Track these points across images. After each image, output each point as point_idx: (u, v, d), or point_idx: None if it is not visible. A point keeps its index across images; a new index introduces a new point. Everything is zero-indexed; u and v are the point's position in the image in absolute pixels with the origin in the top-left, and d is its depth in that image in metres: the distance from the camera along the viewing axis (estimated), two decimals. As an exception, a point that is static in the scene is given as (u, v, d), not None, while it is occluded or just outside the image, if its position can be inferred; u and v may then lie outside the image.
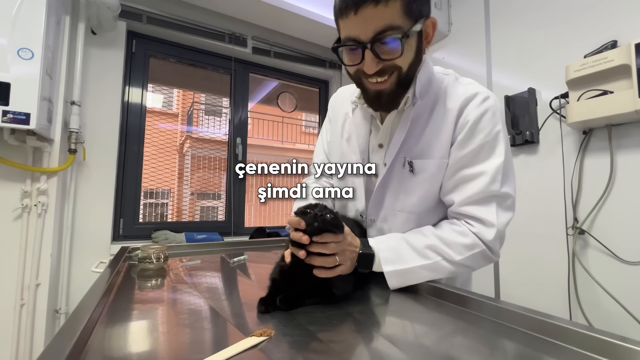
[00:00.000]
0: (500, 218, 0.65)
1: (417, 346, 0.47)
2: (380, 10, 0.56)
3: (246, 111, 2.39)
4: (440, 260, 0.66)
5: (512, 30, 1.47)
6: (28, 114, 1.25)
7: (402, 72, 0.63)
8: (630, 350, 0.39)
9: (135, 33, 2.02)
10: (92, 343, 0.46)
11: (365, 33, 0.58)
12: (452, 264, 0.66)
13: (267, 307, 0.58)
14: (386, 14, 0.56)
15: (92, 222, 1.74)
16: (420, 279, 0.67)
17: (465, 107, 0.68)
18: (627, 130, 1.09)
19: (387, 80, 0.63)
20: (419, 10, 0.60)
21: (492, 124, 0.66)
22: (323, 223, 0.58)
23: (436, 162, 0.69)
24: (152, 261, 0.91)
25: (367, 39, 0.58)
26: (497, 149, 0.66)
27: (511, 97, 1.43)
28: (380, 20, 0.57)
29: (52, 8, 1.37)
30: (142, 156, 2.03)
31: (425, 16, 0.62)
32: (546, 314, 0.49)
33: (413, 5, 0.58)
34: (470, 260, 0.66)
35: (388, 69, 0.62)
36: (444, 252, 0.66)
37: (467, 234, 0.66)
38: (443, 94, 0.71)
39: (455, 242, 0.66)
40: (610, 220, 1.12)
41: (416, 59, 0.65)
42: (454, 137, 0.68)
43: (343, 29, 0.62)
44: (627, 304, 1.05)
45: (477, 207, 0.66)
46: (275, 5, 2.04)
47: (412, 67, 0.65)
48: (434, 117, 0.70)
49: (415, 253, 0.66)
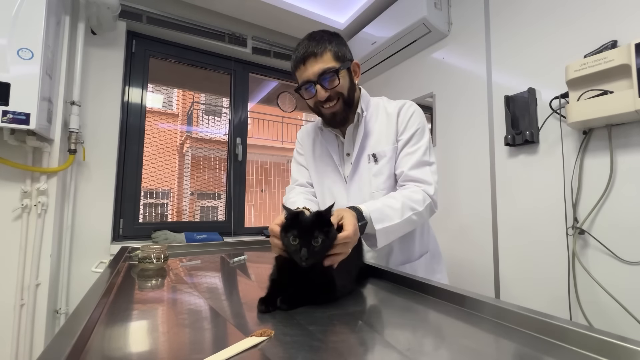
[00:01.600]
0: (434, 178, 0.92)
1: (417, 346, 0.47)
2: (318, 60, 0.88)
3: (246, 111, 2.39)
4: (411, 215, 0.85)
5: (512, 30, 1.47)
6: (28, 114, 1.25)
7: (344, 96, 0.93)
8: (630, 350, 0.39)
9: (135, 33, 2.02)
10: (92, 343, 0.46)
11: (313, 75, 0.88)
12: (417, 216, 0.86)
13: (268, 307, 0.58)
14: (323, 61, 0.88)
15: (92, 222, 1.74)
16: (399, 234, 0.85)
17: (400, 110, 0.99)
18: (627, 130, 1.08)
19: (336, 104, 0.93)
20: (344, 55, 0.91)
21: (419, 118, 0.98)
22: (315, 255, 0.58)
23: (390, 147, 0.97)
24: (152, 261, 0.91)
25: (315, 78, 0.88)
26: (425, 133, 0.97)
27: (511, 97, 1.43)
28: (320, 65, 0.88)
29: (52, 8, 1.37)
30: (142, 156, 2.02)
31: (350, 60, 0.93)
32: (546, 314, 0.49)
33: (338, 53, 0.90)
34: (426, 210, 0.88)
35: (334, 96, 0.91)
36: (412, 206, 0.86)
37: (419, 192, 0.89)
38: (382, 107, 1.02)
39: (416, 198, 0.87)
40: (610, 220, 1.12)
41: (351, 87, 0.95)
42: (397, 128, 0.97)
43: (299, 77, 0.93)
44: (627, 304, 1.05)
45: (418, 171, 0.92)
46: (275, 5, 2.04)
47: (351, 92, 0.94)
48: (379, 122, 1.00)
49: (394, 210, 0.83)
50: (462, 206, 1.66)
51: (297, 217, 0.61)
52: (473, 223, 1.60)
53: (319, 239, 0.58)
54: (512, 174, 1.44)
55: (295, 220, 0.61)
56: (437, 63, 1.87)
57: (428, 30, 1.77)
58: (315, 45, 0.88)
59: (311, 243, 0.58)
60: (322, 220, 0.61)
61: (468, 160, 1.64)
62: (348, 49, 0.95)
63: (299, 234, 0.59)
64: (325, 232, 0.60)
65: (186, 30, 2.06)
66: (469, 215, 1.62)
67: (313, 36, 0.90)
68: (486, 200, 1.54)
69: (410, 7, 1.77)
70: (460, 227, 1.66)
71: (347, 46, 0.95)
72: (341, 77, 0.90)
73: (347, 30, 2.29)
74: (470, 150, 1.63)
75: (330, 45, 0.89)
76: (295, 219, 0.61)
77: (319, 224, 0.60)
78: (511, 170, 1.45)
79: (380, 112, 1.01)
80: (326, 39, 0.89)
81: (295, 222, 0.61)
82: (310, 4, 2.14)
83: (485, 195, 1.54)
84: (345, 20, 2.27)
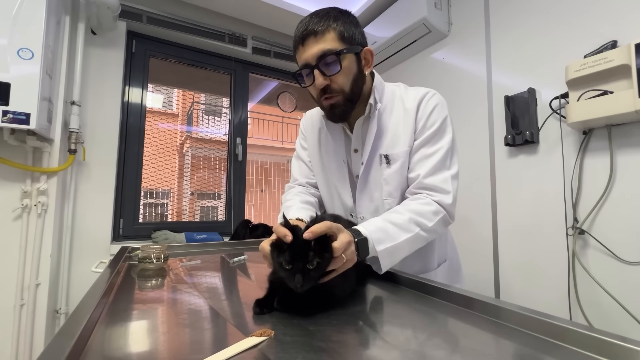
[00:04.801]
0: (453, 186, 0.80)
1: (416, 346, 0.47)
2: (319, 40, 0.74)
3: (246, 111, 2.39)
4: (419, 231, 0.74)
5: (512, 30, 1.47)
6: (28, 114, 1.25)
7: (346, 92, 0.79)
8: (630, 350, 0.39)
9: (135, 33, 2.02)
10: (92, 343, 0.46)
11: (312, 58, 0.75)
12: (427, 232, 0.76)
13: (262, 309, 0.58)
14: (324, 42, 0.74)
15: (92, 222, 1.74)
16: (405, 253, 0.75)
17: (420, 104, 0.84)
18: (627, 130, 1.09)
19: (334, 97, 0.79)
20: (351, 37, 0.77)
21: (441, 114, 0.83)
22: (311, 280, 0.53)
23: (406, 149, 0.83)
24: (152, 261, 0.91)
25: (314, 62, 0.75)
26: (447, 132, 0.83)
27: (511, 97, 1.43)
28: (320, 46, 0.74)
29: (52, 8, 1.37)
30: (142, 156, 2.03)
31: (362, 45, 0.80)
32: (546, 314, 0.49)
33: (345, 33, 0.76)
34: (438, 225, 0.77)
35: (334, 90, 0.78)
36: (420, 222, 0.75)
37: (431, 203, 0.78)
38: (399, 99, 0.88)
39: (425, 211, 0.76)
40: (610, 220, 1.12)
41: (358, 77, 0.80)
42: (415, 126, 0.84)
43: (298, 59, 0.79)
44: (627, 304, 1.05)
45: (435, 177, 0.79)
46: (275, 5, 2.04)
47: (356, 85, 0.80)
48: (394, 116, 0.86)
49: (399, 229, 0.73)
50: (462, 206, 1.66)
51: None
52: (473, 223, 1.60)
53: (314, 262, 0.52)
54: (512, 174, 1.44)
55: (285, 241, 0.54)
56: (437, 63, 1.87)
57: (428, 30, 1.77)
58: (316, 23, 0.74)
59: (306, 267, 0.52)
60: (317, 239, 0.54)
61: (468, 160, 1.64)
62: (360, 31, 0.80)
63: (291, 258, 0.52)
64: (320, 252, 0.53)
65: (186, 30, 2.06)
66: (469, 215, 1.62)
67: (317, 12, 0.77)
68: (486, 200, 1.54)
69: (410, 7, 1.77)
70: (460, 227, 1.66)
71: (359, 27, 0.80)
72: (345, 62, 0.75)
73: (347, 30, 2.28)
74: (471, 150, 1.63)
75: (335, 24, 0.75)
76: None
77: (313, 243, 0.53)
78: (511, 170, 1.45)
79: (397, 105, 0.87)
80: (332, 16, 0.76)
81: (287, 243, 0.53)
82: (310, 4, 2.14)
83: (486, 195, 1.54)
84: (345, 20, 2.27)
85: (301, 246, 0.53)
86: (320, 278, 0.56)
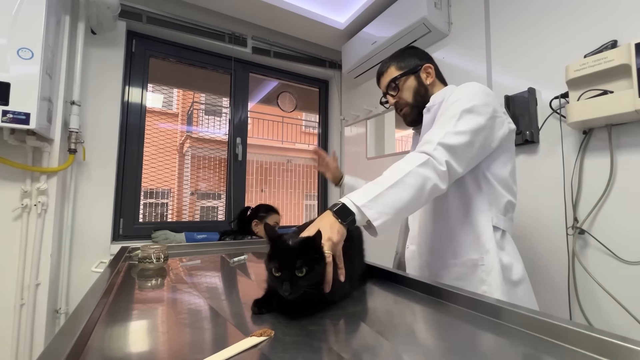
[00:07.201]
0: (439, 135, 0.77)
1: (417, 346, 0.47)
2: (385, 76, 1.05)
3: (246, 111, 2.39)
4: (402, 177, 0.70)
5: (512, 30, 1.47)
6: (28, 113, 1.25)
7: (410, 102, 1.01)
8: (630, 350, 0.39)
9: (135, 33, 2.02)
10: (92, 343, 0.46)
11: (383, 88, 1.06)
12: (410, 176, 0.70)
13: (261, 309, 0.58)
14: (388, 75, 1.04)
15: (92, 222, 1.74)
16: (397, 201, 0.68)
17: (452, 92, 0.90)
18: (627, 130, 1.08)
19: (403, 109, 1.04)
20: (407, 65, 1.02)
21: (464, 91, 0.86)
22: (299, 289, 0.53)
23: None
24: (152, 261, 0.91)
25: (384, 90, 1.06)
26: (461, 104, 0.82)
27: (511, 97, 1.43)
28: (386, 79, 1.04)
29: (52, 8, 1.37)
30: (142, 156, 2.02)
31: (419, 65, 1.01)
32: (546, 314, 0.49)
33: (401, 64, 1.03)
34: (424, 168, 0.72)
35: (401, 105, 1.04)
36: (400, 168, 0.72)
37: (412, 155, 0.77)
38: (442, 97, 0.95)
39: (406, 159, 0.75)
40: (610, 220, 1.12)
41: (420, 89, 1.01)
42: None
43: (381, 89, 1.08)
44: (627, 304, 1.04)
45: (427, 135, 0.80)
46: (275, 5, 2.04)
47: (419, 94, 1.01)
48: (431, 114, 0.96)
49: (378, 184, 0.70)
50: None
51: (277, 243, 0.56)
52: (473, 223, 1.59)
53: (303, 269, 0.52)
54: (512, 173, 1.44)
55: (275, 247, 0.55)
56: (437, 63, 1.86)
57: (428, 30, 1.77)
58: (382, 66, 1.06)
59: (294, 274, 0.52)
60: (308, 247, 0.54)
61: (468, 160, 1.63)
62: (416, 57, 1.03)
63: (279, 265, 0.53)
64: (310, 261, 0.53)
65: (186, 30, 2.06)
66: (469, 215, 1.62)
67: (389, 55, 1.07)
68: (486, 200, 1.53)
69: (410, 6, 1.77)
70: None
71: (415, 55, 1.03)
72: (403, 83, 1.01)
73: (347, 30, 2.29)
74: (470, 150, 1.63)
75: (393, 61, 1.03)
76: (276, 246, 0.55)
77: (303, 251, 0.54)
78: (511, 170, 1.44)
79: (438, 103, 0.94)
80: (393, 57, 1.05)
81: (276, 250, 0.55)
82: (310, 4, 2.13)
83: (485, 195, 1.54)
84: (345, 20, 2.27)
85: (290, 253, 0.53)
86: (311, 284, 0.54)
